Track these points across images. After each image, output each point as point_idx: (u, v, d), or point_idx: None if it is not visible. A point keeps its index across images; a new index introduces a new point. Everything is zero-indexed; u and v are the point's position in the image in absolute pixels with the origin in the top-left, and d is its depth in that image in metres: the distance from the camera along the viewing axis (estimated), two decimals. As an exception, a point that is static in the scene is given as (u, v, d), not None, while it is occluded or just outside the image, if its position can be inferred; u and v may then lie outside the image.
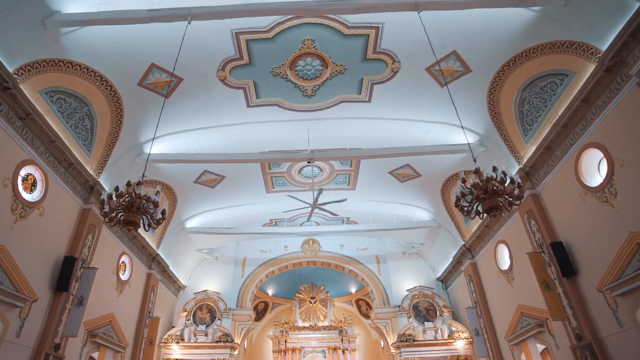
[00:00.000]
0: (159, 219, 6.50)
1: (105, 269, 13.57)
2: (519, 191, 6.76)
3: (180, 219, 18.23)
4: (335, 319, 25.29)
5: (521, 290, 13.38)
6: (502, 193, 6.72)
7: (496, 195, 6.63)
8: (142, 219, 6.30)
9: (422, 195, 17.30)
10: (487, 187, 6.65)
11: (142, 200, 6.08)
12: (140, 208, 5.96)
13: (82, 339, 11.92)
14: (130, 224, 5.91)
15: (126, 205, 5.97)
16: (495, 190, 6.64)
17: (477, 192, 6.73)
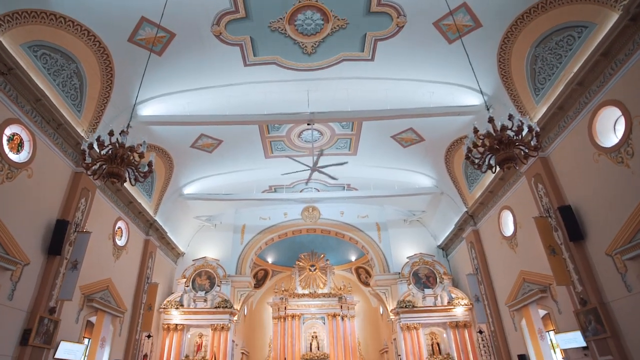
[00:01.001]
0: (145, 171, 6.04)
1: (100, 234, 13.30)
2: (536, 141, 6.24)
3: (178, 185, 17.85)
4: (335, 287, 25.41)
5: (524, 256, 13.16)
6: (517, 143, 6.17)
7: (511, 146, 6.13)
8: (128, 172, 5.85)
9: (425, 161, 16.85)
10: (501, 136, 6.13)
11: (127, 151, 5.58)
12: (124, 159, 5.49)
13: (79, 304, 11.77)
14: (114, 176, 5.46)
15: (109, 156, 5.50)
16: (511, 140, 6.11)
17: (491, 142, 6.21)
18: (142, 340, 15.53)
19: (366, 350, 25.35)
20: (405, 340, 17.88)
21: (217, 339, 17.64)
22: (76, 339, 11.47)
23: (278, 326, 24.13)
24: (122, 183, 5.88)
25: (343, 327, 24.11)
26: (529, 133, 6.34)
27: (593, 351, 9.76)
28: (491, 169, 6.57)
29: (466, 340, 17.65)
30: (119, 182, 5.60)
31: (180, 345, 17.61)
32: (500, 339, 14.89)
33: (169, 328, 17.78)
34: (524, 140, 6.24)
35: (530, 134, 6.33)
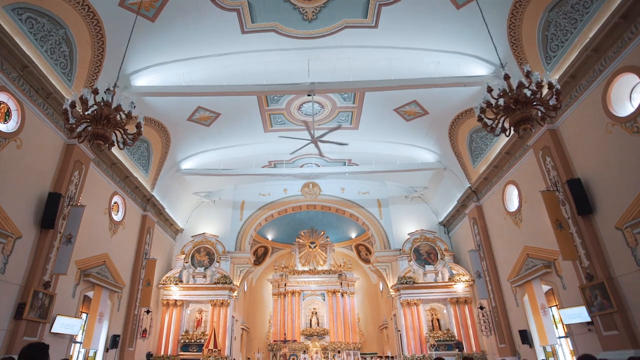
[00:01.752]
0: (134, 134, 5.63)
1: (96, 208, 13.01)
2: (556, 101, 5.79)
3: (175, 159, 17.47)
4: (335, 264, 25.38)
5: (529, 231, 12.91)
6: (535, 102, 5.70)
7: (528, 105, 5.68)
8: (115, 135, 5.45)
9: (429, 135, 16.43)
10: (518, 95, 5.67)
11: (113, 111, 5.16)
12: (111, 120, 5.08)
13: (75, 278, 11.56)
14: (100, 137, 5.05)
15: (94, 117, 5.09)
16: (528, 99, 5.65)
17: (507, 100, 5.75)
18: (141, 316, 15.45)
19: (366, 326, 25.53)
20: (405, 316, 17.85)
21: (217, 314, 17.60)
22: (73, 313, 11.31)
23: (278, 302, 24.20)
24: (110, 147, 5.48)
25: (343, 303, 24.19)
26: (549, 91, 5.85)
27: (598, 326, 9.59)
28: (505, 132, 6.17)
29: (466, 316, 17.63)
30: (106, 145, 5.19)
31: (179, 321, 17.59)
32: (501, 315, 14.80)
33: (169, 304, 17.73)
34: (542, 99, 5.80)
35: (550, 92, 5.84)
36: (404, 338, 17.69)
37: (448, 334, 17.62)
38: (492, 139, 14.34)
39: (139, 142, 15.20)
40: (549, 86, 5.84)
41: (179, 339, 17.19)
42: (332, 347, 22.48)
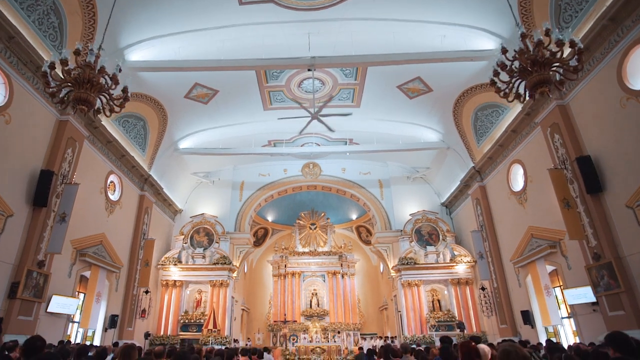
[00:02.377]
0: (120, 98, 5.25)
1: (91, 187, 12.72)
2: (577, 61, 5.37)
3: (173, 138, 17.10)
4: (335, 245, 25.26)
5: (534, 211, 12.64)
6: (555, 63, 5.26)
7: (547, 67, 5.28)
8: (100, 100, 5.08)
9: (432, 114, 16.02)
10: (536, 55, 5.25)
11: (97, 74, 4.77)
12: (94, 83, 4.70)
13: (71, 258, 11.35)
14: (83, 102, 4.68)
15: (76, 80, 4.71)
16: (547, 60, 5.21)
17: (523, 61, 5.33)
18: (140, 296, 15.34)
19: (366, 307, 25.56)
20: (406, 296, 17.77)
21: (216, 295, 17.52)
22: (70, 293, 11.14)
23: (278, 284, 24.17)
24: (95, 114, 5.11)
25: (343, 284, 24.16)
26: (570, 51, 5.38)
27: (603, 307, 9.42)
28: (519, 97, 5.78)
29: (467, 297, 17.55)
30: (90, 110, 4.82)
31: (179, 301, 17.52)
32: (502, 296, 14.67)
33: (168, 284, 17.62)
34: (562, 59, 5.37)
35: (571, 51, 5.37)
36: (405, 319, 17.64)
37: (449, 314, 17.57)
38: (498, 116, 13.95)
39: (134, 120, 14.83)
40: (570, 45, 5.42)
41: (178, 319, 17.15)
42: (332, 327, 22.51)
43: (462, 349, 3.41)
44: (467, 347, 3.38)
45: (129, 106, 14.10)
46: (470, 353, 3.35)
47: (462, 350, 3.40)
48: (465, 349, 3.36)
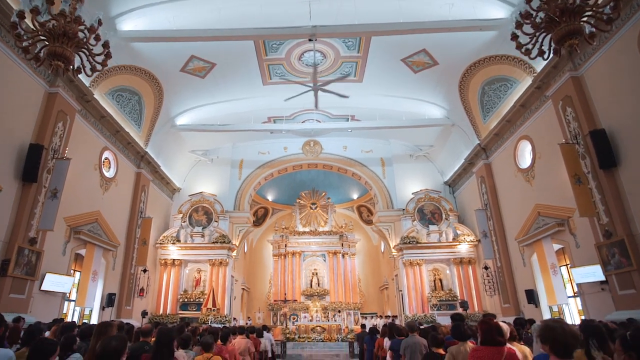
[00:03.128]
0: (103, 56, 4.77)
1: (85, 163, 12.33)
2: (613, 10, 4.84)
3: (169, 114, 16.61)
4: (336, 225, 25.03)
5: (541, 189, 12.27)
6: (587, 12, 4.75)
7: (578, 15, 4.76)
8: (80, 58, 4.61)
9: (437, 89, 15.49)
10: (565, 3, 4.72)
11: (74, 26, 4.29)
12: (71, 36, 4.23)
13: (64, 235, 11.04)
14: (59, 57, 4.21)
15: (50, 32, 4.23)
16: (578, 8, 4.69)
17: (552, 10, 4.79)
18: (138, 275, 15.12)
19: (366, 287, 25.51)
20: (408, 276, 17.58)
21: (216, 274, 17.33)
22: (64, 271, 10.87)
23: (278, 263, 24.05)
24: (75, 73, 4.64)
25: (344, 264, 24.03)
26: None
27: (613, 285, 9.14)
28: (543, 55, 5.29)
29: (469, 276, 17.35)
30: (67, 68, 4.35)
31: (178, 280, 17.35)
32: (506, 275, 14.45)
33: (166, 263, 17.42)
34: (596, 6, 4.83)
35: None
36: (406, 298, 17.50)
37: (450, 294, 17.42)
38: (507, 91, 13.43)
39: (129, 95, 14.32)
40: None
41: (178, 298, 17.01)
42: (333, 307, 22.48)
43: (482, 326, 3.06)
44: (488, 324, 3.03)
45: (123, 79, 13.62)
46: (491, 330, 2.99)
47: (482, 328, 3.05)
48: (486, 326, 3.01)
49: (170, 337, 3.51)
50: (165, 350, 3.39)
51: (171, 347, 3.47)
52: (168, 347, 3.42)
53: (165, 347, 3.40)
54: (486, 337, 3.00)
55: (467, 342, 3.79)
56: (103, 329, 3.51)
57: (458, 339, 3.78)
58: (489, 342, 2.98)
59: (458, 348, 3.73)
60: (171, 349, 3.45)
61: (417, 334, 5.49)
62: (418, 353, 5.17)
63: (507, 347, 3.03)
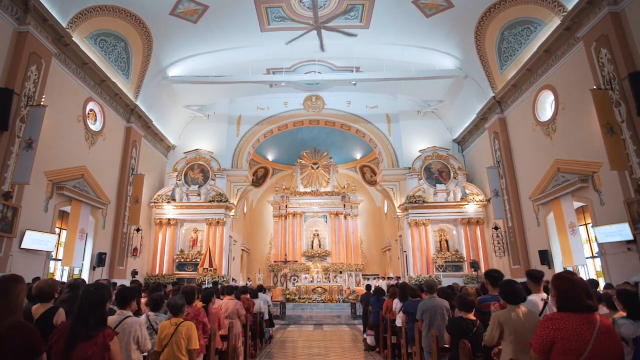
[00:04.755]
0: None
1: (67, 114, 11.34)
2: None
3: (160, 64, 15.38)
4: (338, 185, 24.27)
5: (563, 143, 11.30)
6: None
7: None
8: None
9: (450, 36, 14.18)
10: None
11: None
12: None
13: (46, 191, 10.21)
14: None
15: None
16: None
17: None
18: (131, 234, 14.45)
19: (368, 249, 25.08)
20: (413, 236, 16.94)
21: (213, 233, 16.68)
22: (47, 229, 10.12)
23: (279, 224, 23.48)
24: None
25: (345, 225, 23.47)
26: None
27: (641, 245, 8.36)
28: None
29: (477, 237, 16.72)
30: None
31: (174, 240, 16.74)
32: (517, 235, 13.74)
33: (162, 223, 16.75)
34: None
35: None
36: (410, 259, 16.94)
37: (457, 255, 16.84)
38: (529, 35, 12.17)
39: (113, 41, 13.08)
40: None
41: (174, 259, 16.46)
42: (334, 268, 22.10)
43: (560, 284, 2.21)
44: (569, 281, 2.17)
45: (105, 22, 12.36)
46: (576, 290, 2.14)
47: (560, 286, 2.20)
48: (567, 284, 2.16)
49: (99, 297, 2.69)
50: (90, 315, 2.59)
51: (100, 311, 2.66)
52: (95, 312, 2.62)
53: (90, 312, 2.60)
54: (567, 300, 2.15)
55: (520, 306, 2.96)
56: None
57: (509, 300, 2.93)
58: (572, 307, 2.13)
59: (507, 314, 2.91)
60: (100, 314, 2.66)
61: (437, 295, 4.70)
62: (439, 317, 4.41)
63: (598, 314, 2.17)
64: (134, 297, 3.42)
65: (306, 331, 13.25)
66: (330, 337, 11.80)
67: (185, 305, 3.91)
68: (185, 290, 4.43)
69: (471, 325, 3.42)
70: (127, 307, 3.39)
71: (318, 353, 8.83)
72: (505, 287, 3.05)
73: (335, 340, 10.96)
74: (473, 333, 3.35)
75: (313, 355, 8.50)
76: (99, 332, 2.55)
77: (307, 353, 8.87)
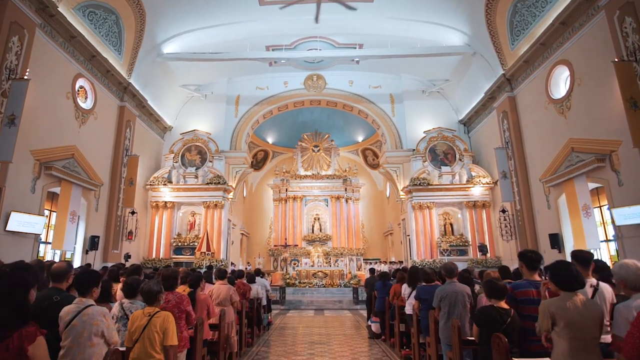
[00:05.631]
0: None
1: (54, 91, 10.74)
2: None
3: (154, 40, 14.69)
4: (340, 169, 23.72)
5: (578, 121, 10.71)
6: None
7: None
8: None
9: (459, 10, 13.48)
10: None
11: None
12: None
13: (33, 171, 9.67)
14: None
15: None
16: None
17: None
18: (126, 217, 13.97)
19: (370, 233, 24.68)
20: (417, 220, 16.47)
21: (210, 216, 16.20)
22: (35, 210, 9.61)
23: (279, 208, 23.01)
24: None
25: (347, 209, 23.00)
26: None
27: (664, 228, 7.87)
28: None
29: (483, 221, 16.25)
30: None
31: (171, 224, 16.28)
32: (526, 218, 13.26)
33: (158, 206, 16.27)
34: None
35: None
36: (414, 243, 16.52)
37: (462, 239, 16.41)
38: (544, 7, 11.46)
39: (103, 14, 12.37)
40: None
41: (171, 242, 16.03)
42: (335, 252, 21.72)
43: None
44: None
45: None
46: None
47: None
48: None
49: (15, 282, 2.05)
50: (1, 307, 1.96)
51: (16, 301, 2.01)
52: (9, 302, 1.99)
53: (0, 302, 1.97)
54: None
55: (578, 294, 2.44)
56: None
57: (564, 286, 2.39)
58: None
59: (561, 303, 2.40)
60: (15, 305, 2.00)
61: (457, 280, 4.19)
62: (460, 305, 3.91)
63: None
64: (95, 283, 2.88)
65: (307, 317, 12.87)
66: (331, 323, 11.41)
67: (163, 292, 3.36)
68: (166, 275, 3.90)
69: (504, 315, 2.91)
70: (88, 295, 2.85)
71: (319, 341, 8.40)
72: (558, 270, 2.53)
73: (337, 327, 10.56)
74: (507, 324, 2.87)
75: (314, 344, 8.06)
76: (13, 332, 1.91)
77: (308, 341, 8.44)
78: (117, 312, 3.47)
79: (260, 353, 7.25)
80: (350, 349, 7.56)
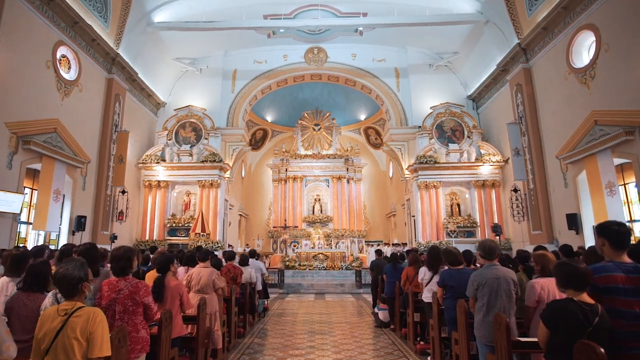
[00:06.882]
0: None
1: (32, 59, 9.86)
2: None
3: (144, 8, 13.69)
4: (341, 148, 22.87)
5: (603, 91, 9.85)
6: None
7: None
8: None
9: (472, -29, 12.43)
10: None
11: None
12: None
13: (9, 145, 8.86)
14: None
15: None
16: None
17: None
18: (116, 196, 13.21)
19: (372, 214, 24.01)
20: (422, 199, 15.73)
21: (206, 196, 15.44)
22: (13, 188, 8.84)
23: (278, 189, 22.26)
24: None
25: (348, 190, 22.25)
26: None
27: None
28: None
29: (492, 201, 15.52)
30: None
31: (165, 204, 15.53)
32: (540, 198, 12.52)
33: (151, 185, 15.50)
34: None
35: None
36: (419, 224, 15.81)
37: (469, 219, 15.70)
38: (567, -35, 10.46)
39: None
40: None
41: (165, 223, 15.31)
42: (336, 234, 21.07)
43: None
44: None
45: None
46: None
47: None
48: None
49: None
50: None
51: None
52: None
53: None
54: None
55: None
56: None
57: None
58: None
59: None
60: None
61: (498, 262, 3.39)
62: (504, 295, 3.13)
63: None
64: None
65: (307, 301, 12.22)
66: (333, 308, 10.73)
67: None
68: (116, 255, 3.04)
69: (590, 313, 2.09)
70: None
71: (320, 330, 7.62)
72: None
73: (339, 313, 9.86)
74: (594, 326, 2.09)
75: (314, 334, 7.27)
76: None
77: (308, 330, 7.64)
78: (49, 304, 2.68)
79: (252, 346, 6.43)
80: (354, 339, 6.84)
